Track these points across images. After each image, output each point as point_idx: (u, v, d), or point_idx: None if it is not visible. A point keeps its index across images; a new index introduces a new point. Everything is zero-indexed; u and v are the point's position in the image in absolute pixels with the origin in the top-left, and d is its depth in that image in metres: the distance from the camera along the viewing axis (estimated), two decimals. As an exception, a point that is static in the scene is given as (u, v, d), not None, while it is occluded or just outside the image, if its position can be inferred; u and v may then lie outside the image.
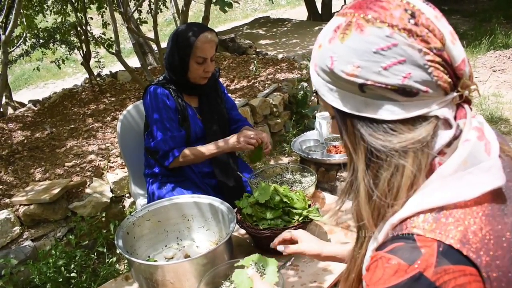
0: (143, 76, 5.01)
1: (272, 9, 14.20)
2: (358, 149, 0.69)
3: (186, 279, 1.28)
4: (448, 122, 0.66)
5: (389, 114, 0.65)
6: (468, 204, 0.62)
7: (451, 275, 0.57)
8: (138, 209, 1.62)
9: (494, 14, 8.30)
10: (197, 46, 1.80)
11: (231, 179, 1.95)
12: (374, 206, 0.68)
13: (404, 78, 0.63)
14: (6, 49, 3.75)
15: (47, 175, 3.17)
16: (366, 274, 0.66)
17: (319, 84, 0.72)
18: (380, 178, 0.66)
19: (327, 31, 0.70)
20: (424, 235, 0.60)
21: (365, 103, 0.66)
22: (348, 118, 0.69)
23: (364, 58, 0.64)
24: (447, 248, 0.59)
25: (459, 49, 0.65)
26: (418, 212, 0.63)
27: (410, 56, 0.62)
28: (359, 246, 0.76)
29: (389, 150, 0.65)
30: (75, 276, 2.27)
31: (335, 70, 0.67)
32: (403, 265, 0.59)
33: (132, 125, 2.22)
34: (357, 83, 0.65)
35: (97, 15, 6.25)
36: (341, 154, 2.30)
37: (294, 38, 7.04)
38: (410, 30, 0.62)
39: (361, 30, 0.64)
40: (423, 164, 0.64)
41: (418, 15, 0.63)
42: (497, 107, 4.46)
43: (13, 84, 9.54)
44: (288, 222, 1.49)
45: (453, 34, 0.65)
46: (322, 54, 0.69)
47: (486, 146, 0.65)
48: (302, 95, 4.40)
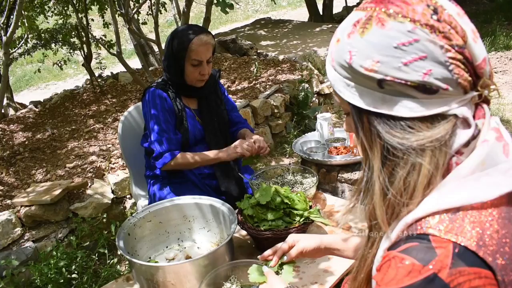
0: (144, 77, 5.02)
1: (273, 10, 14.21)
2: (374, 147, 0.68)
3: (187, 280, 1.28)
4: (467, 121, 0.65)
5: (407, 111, 0.64)
6: (484, 205, 0.61)
7: (466, 277, 0.56)
8: (139, 210, 1.62)
9: (495, 15, 8.29)
10: (191, 49, 1.78)
11: (232, 179, 1.95)
12: (388, 204, 0.67)
13: (424, 75, 0.62)
14: (8, 51, 3.76)
15: (48, 176, 3.18)
16: (377, 274, 0.65)
17: (336, 79, 0.70)
18: (396, 177, 0.65)
19: (346, 26, 0.68)
20: (439, 236, 0.59)
21: (383, 99, 0.65)
22: (364, 114, 0.68)
23: (384, 53, 0.63)
24: (463, 249, 0.57)
25: (480, 47, 0.64)
26: (433, 212, 0.61)
27: (431, 52, 0.61)
28: (370, 245, 0.74)
29: (406, 148, 0.64)
30: (76, 277, 2.27)
31: (353, 65, 0.66)
32: (417, 266, 0.58)
33: (133, 126, 2.22)
34: (376, 79, 0.64)
35: (99, 17, 6.25)
36: (342, 156, 2.30)
37: (295, 39, 7.05)
38: (432, 26, 0.61)
39: (382, 25, 0.63)
40: (440, 163, 0.63)
41: (440, 11, 0.62)
42: (498, 108, 4.46)
43: (14, 85, 9.56)
44: (289, 223, 1.49)
45: (475, 32, 0.64)
46: (340, 48, 0.68)
47: (504, 148, 0.64)
48: (303, 96, 4.40)
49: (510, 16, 8.18)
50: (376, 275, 0.65)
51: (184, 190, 1.88)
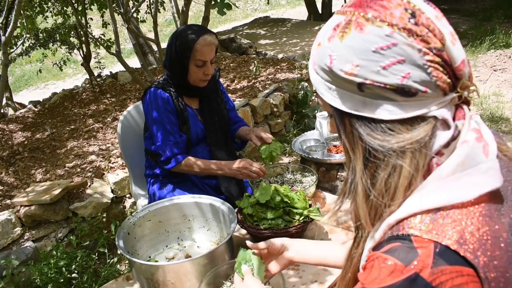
0: (143, 77, 5.01)
1: (272, 9, 14.21)
2: (356, 149, 0.69)
3: (187, 279, 1.28)
4: (447, 122, 0.66)
5: (387, 114, 0.65)
6: (465, 205, 0.62)
7: (448, 275, 0.57)
8: (139, 210, 1.62)
9: (495, 13, 8.29)
10: (196, 49, 1.78)
11: (232, 178, 1.95)
12: (371, 205, 0.68)
13: (403, 78, 0.62)
14: (6, 50, 3.76)
15: (48, 176, 3.18)
16: (362, 273, 0.66)
17: (318, 82, 0.71)
18: (378, 178, 0.66)
19: (326, 30, 0.69)
20: (421, 236, 0.60)
21: (364, 102, 0.66)
22: (346, 117, 0.69)
23: (363, 57, 0.63)
24: (444, 249, 0.58)
25: (459, 50, 0.64)
26: (415, 213, 0.62)
27: (409, 55, 0.62)
28: (356, 245, 0.76)
29: (387, 150, 0.65)
30: (76, 277, 2.27)
31: (334, 69, 0.66)
32: (399, 266, 0.59)
33: (133, 125, 2.22)
34: (356, 82, 0.65)
35: (98, 16, 6.25)
36: (342, 154, 2.30)
37: (294, 38, 7.04)
38: (410, 30, 0.62)
39: (361, 29, 0.63)
40: (420, 165, 0.64)
41: (418, 14, 0.62)
42: (497, 106, 4.46)
43: (13, 85, 9.55)
44: (289, 222, 1.49)
45: (453, 35, 0.65)
46: (321, 52, 0.69)
47: (484, 148, 0.65)
48: (303, 95, 4.40)
49: (509, 14, 8.18)
50: (360, 274, 0.66)
51: (184, 189, 1.88)
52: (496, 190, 0.64)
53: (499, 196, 0.64)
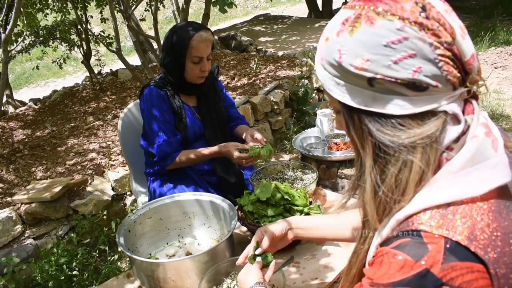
0: (143, 74, 5.01)
1: (272, 6, 14.18)
2: (365, 144, 0.68)
3: (188, 276, 1.28)
4: (457, 117, 0.65)
5: (398, 109, 0.64)
6: (475, 200, 0.61)
7: (458, 271, 0.57)
8: (139, 207, 1.62)
9: (495, 10, 8.27)
10: (192, 46, 1.78)
11: (232, 175, 1.95)
12: (379, 202, 0.67)
13: (414, 72, 0.62)
14: (7, 48, 3.75)
15: (48, 174, 3.18)
16: (369, 268, 0.65)
17: (325, 78, 0.70)
18: (387, 174, 0.66)
19: (334, 24, 0.68)
20: (431, 232, 0.59)
21: (374, 97, 0.65)
22: (355, 113, 0.68)
23: (374, 51, 0.62)
24: (454, 244, 0.58)
25: (468, 44, 0.64)
26: (425, 209, 0.62)
27: (420, 50, 0.61)
28: (362, 241, 0.75)
29: (398, 145, 0.64)
30: (77, 274, 2.27)
31: (343, 63, 0.65)
32: (409, 261, 0.58)
33: (133, 123, 2.22)
34: (366, 77, 0.64)
35: (97, 13, 6.23)
36: (342, 151, 2.30)
37: (294, 36, 7.02)
38: (421, 24, 0.61)
39: (371, 23, 0.62)
40: (431, 160, 0.63)
41: (429, 8, 0.62)
42: (498, 103, 4.46)
43: (13, 83, 9.54)
44: (290, 219, 1.49)
45: (462, 29, 0.64)
46: (329, 47, 0.68)
47: (493, 143, 0.64)
48: (303, 92, 4.40)
49: (510, 11, 8.16)
50: (367, 270, 0.66)
51: (184, 187, 1.88)
52: (505, 186, 0.64)
53: (507, 192, 0.64)
